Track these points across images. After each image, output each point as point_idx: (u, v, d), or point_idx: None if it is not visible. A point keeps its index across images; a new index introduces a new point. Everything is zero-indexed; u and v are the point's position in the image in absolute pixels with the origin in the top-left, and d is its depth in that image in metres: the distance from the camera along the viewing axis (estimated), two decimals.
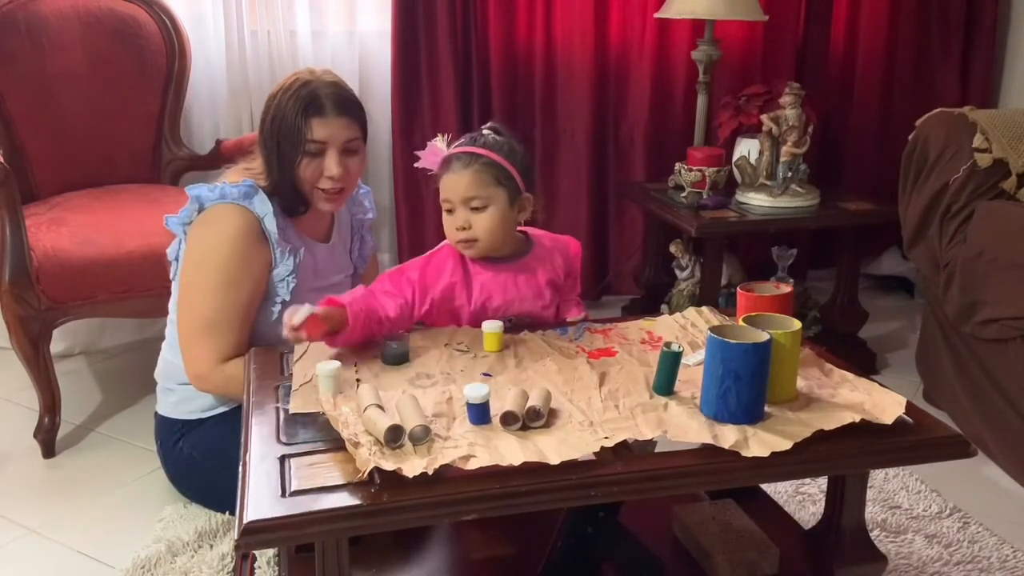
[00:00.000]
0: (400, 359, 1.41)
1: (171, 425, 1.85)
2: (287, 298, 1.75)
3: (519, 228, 1.67)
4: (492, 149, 1.57)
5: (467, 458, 1.10)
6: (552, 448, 1.13)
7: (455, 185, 1.55)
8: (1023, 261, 1.95)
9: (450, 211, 1.57)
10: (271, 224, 1.71)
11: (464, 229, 1.55)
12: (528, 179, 1.62)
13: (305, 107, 1.68)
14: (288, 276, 1.75)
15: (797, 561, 1.40)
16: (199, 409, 1.81)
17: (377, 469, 1.07)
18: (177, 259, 1.78)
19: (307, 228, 1.83)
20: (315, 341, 1.42)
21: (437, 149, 1.61)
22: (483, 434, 1.17)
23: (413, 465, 1.08)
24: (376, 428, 1.13)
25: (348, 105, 1.72)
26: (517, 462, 1.09)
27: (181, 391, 1.82)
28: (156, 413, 1.90)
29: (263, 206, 1.71)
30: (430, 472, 1.07)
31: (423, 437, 1.14)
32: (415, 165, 1.67)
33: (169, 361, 1.85)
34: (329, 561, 1.10)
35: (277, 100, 1.71)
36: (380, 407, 1.18)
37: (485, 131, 1.62)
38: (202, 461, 1.80)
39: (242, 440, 1.22)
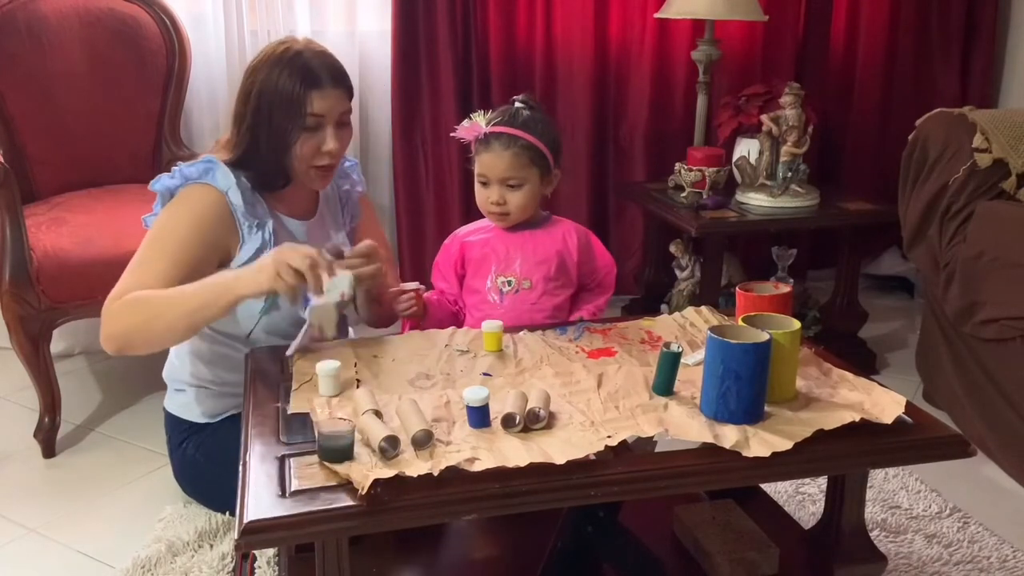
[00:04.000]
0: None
1: (178, 424, 1.84)
2: None
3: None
4: (529, 129, 1.67)
5: (472, 460, 1.10)
6: (556, 448, 1.13)
7: (494, 164, 1.67)
8: (1023, 261, 1.95)
9: (485, 184, 1.69)
10: (236, 197, 1.64)
11: (499, 204, 1.69)
12: (557, 155, 1.72)
13: (303, 79, 1.60)
14: (257, 252, 1.63)
15: (797, 561, 1.41)
16: (207, 414, 1.79)
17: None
18: None
19: (285, 204, 1.74)
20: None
21: (477, 126, 1.70)
22: (485, 437, 1.16)
23: (416, 468, 1.07)
24: (371, 437, 1.12)
25: (341, 76, 1.67)
26: (523, 463, 1.09)
27: (192, 392, 1.80)
28: (164, 408, 1.88)
29: (225, 179, 1.64)
30: (435, 473, 1.06)
31: (426, 441, 1.13)
32: (452, 135, 1.75)
33: (173, 363, 1.84)
34: (329, 561, 1.10)
35: (266, 71, 1.62)
36: (377, 412, 1.18)
37: (519, 104, 1.71)
38: (205, 465, 1.79)
39: (242, 440, 1.22)
